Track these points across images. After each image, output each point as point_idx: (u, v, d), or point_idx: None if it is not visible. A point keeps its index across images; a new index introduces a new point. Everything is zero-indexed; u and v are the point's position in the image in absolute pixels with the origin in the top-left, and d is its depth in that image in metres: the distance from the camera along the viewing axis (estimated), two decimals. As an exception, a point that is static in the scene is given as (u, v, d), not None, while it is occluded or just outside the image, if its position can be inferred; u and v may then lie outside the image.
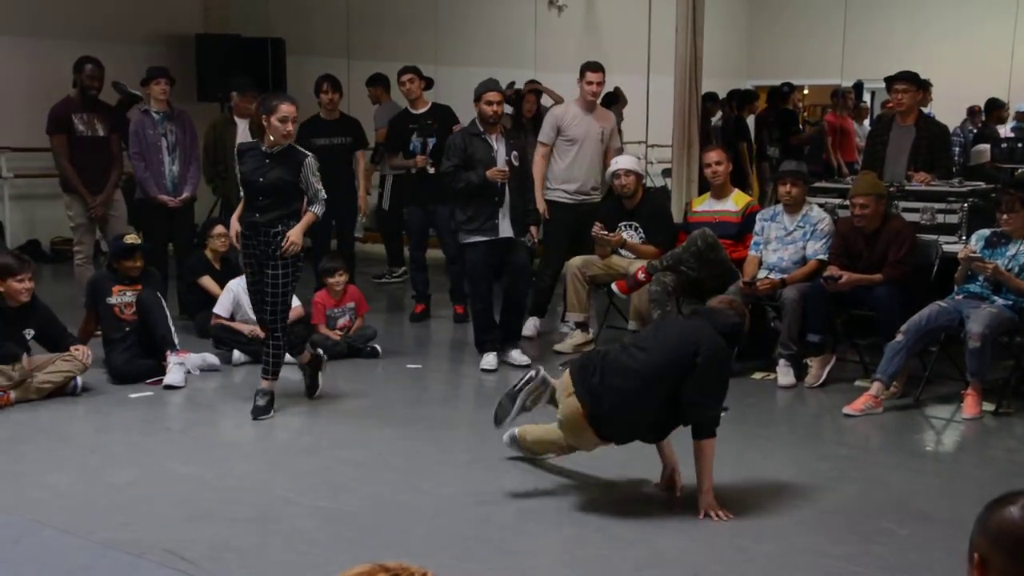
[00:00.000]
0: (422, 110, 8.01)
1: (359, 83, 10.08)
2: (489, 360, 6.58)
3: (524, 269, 6.77)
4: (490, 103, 6.54)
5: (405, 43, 12.74)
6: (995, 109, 12.32)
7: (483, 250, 6.57)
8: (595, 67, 7.35)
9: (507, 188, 6.54)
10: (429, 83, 8.48)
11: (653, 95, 11.61)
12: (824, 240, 6.46)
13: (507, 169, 6.49)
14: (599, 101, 7.78)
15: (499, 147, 6.58)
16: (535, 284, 7.65)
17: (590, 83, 7.31)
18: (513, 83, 10.89)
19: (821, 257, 6.42)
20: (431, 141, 7.88)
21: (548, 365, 6.94)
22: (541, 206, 7.11)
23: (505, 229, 6.58)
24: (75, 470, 4.74)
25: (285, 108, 5.40)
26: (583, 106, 7.43)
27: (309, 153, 5.59)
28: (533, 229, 6.92)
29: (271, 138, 5.44)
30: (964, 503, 4.53)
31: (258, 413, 5.56)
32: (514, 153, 6.62)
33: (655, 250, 6.86)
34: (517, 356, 6.73)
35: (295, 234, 5.46)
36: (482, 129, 6.59)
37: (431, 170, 7.73)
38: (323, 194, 5.55)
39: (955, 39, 14.10)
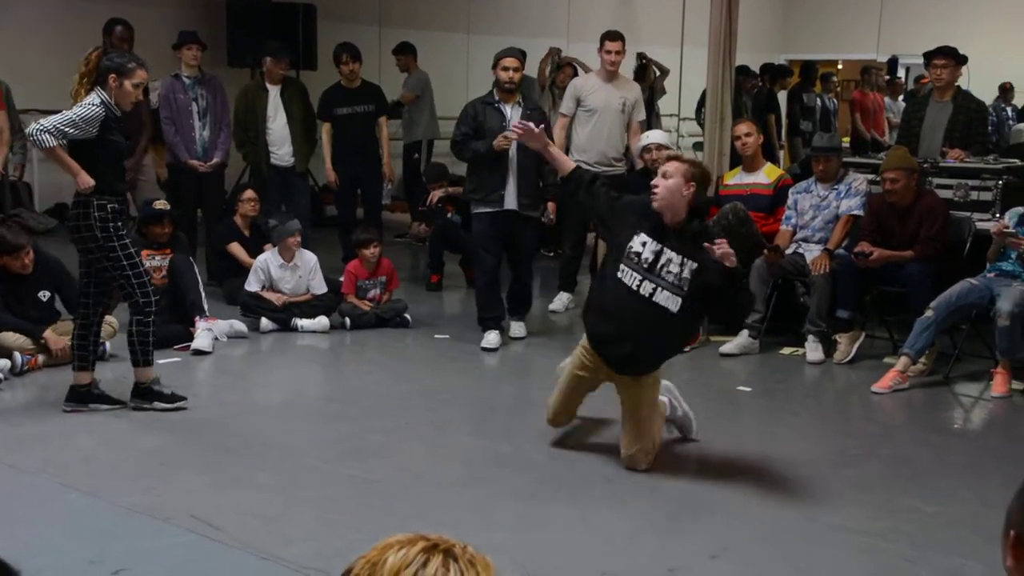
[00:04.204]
0: None
1: (390, 51, 10.06)
2: (491, 339, 6.43)
3: (529, 248, 6.67)
4: (506, 69, 6.32)
5: (438, 10, 12.66)
6: None
7: (488, 222, 6.39)
8: (614, 36, 7.26)
9: (517, 160, 6.31)
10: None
11: (686, 68, 11.51)
12: (859, 197, 6.44)
13: (512, 136, 6.13)
14: (632, 74, 7.71)
15: (512, 117, 6.31)
16: (561, 259, 7.68)
17: (608, 52, 7.20)
18: (559, 50, 10.86)
19: (856, 212, 6.39)
20: None
21: (577, 336, 6.97)
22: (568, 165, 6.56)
23: (511, 202, 6.34)
24: (102, 434, 4.77)
25: (142, 74, 4.85)
26: (603, 76, 7.32)
27: None
28: (551, 205, 6.73)
29: (116, 102, 4.82)
30: (992, 482, 4.52)
31: (173, 400, 5.10)
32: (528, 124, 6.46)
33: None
34: (516, 329, 6.70)
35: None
36: (497, 97, 6.39)
37: None
38: None
39: (993, 15, 13.87)
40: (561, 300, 7.52)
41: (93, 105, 4.72)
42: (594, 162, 7.26)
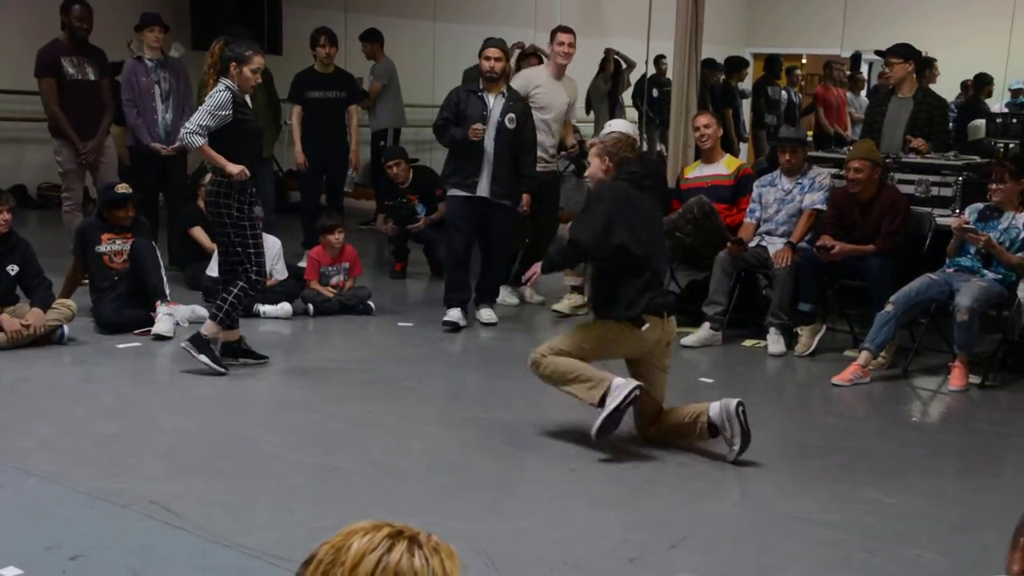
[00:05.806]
0: None
1: (356, 37, 10.01)
2: (452, 313, 6.52)
3: (503, 237, 6.71)
4: (488, 58, 6.46)
5: (404, -3, 12.61)
6: (985, 84, 12.26)
7: (461, 204, 6.53)
8: (566, 28, 7.19)
9: (493, 150, 6.41)
10: None
11: (652, 60, 11.55)
12: (822, 192, 6.50)
13: (482, 127, 6.35)
14: (598, 66, 7.67)
15: (495, 107, 6.44)
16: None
17: (561, 44, 7.08)
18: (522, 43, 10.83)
19: (819, 207, 6.45)
20: None
21: (537, 322, 6.98)
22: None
23: (483, 189, 6.47)
24: (60, 420, 4.71)
25: (260, 60, 5.37)
26: (554, 72, 7.20)
27: None
28: (526, 197, 6.75)
29: (239, 87, 5.33)
30: (948, 474, 4.59)
31: (218, 364, 5.45)
32: (510, 116, 6.45)
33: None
34: (486, 315, 6.72)
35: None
36: (481, 86, 6.51)
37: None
38: None
39: (956, 11, 14.03)
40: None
41: (219, 91, 5.24)
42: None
